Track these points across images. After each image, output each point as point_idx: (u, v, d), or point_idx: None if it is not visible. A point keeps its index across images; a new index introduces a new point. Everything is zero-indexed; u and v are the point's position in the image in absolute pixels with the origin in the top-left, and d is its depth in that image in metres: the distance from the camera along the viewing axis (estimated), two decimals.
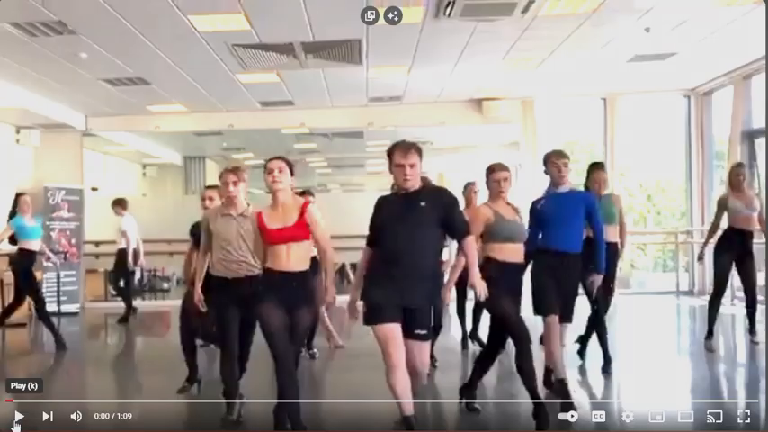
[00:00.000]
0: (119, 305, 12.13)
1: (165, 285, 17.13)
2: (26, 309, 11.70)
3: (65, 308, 12.32)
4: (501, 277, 5.01)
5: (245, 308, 5.29)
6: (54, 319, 11.76)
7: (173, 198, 17.66)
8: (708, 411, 5.26)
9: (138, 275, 14.06)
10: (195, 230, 5.99)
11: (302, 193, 7.43)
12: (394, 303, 4.46)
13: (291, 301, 4.81)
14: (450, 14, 7.99)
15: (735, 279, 11.41)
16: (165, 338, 10.77)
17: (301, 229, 4.82)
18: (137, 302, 12.63)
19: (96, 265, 14.33)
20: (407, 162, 4.53)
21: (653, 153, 17.41)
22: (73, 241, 13.25)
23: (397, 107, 13.53)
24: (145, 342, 8.69)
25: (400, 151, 4.56)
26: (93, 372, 8.19)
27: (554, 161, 5.62)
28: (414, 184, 4.57)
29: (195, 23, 8.19)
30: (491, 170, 5.32)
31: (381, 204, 4.73)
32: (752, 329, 7.65)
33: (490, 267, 5.04)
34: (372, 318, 4.50)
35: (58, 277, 12.42)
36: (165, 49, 9.22)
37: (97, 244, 13.89)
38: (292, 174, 4.89)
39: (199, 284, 5.58)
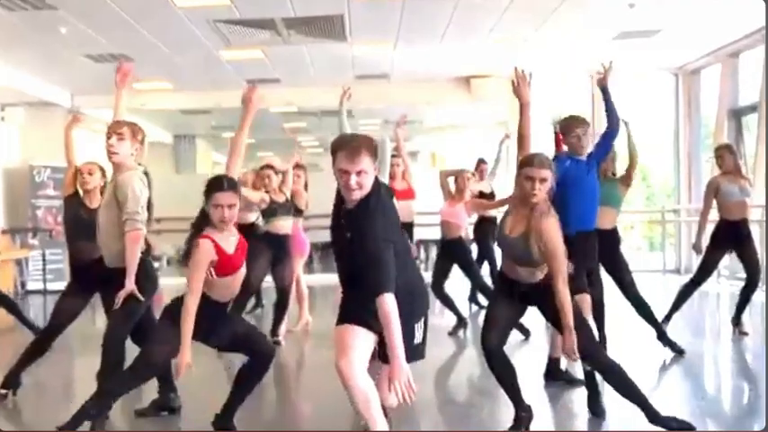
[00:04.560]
0: None
1: (156, 265, 17.07)
2: (11, 288, 11.73)
3: (51, 286, 12.32)
4: (503, 289, 4.32)
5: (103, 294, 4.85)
6: (40, 298, 11.87)
7: (162, 176, 17.59)
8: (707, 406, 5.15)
9: None
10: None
11: (267, 167, 7.38)
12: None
13: (227, 330, 4.26)
14: None
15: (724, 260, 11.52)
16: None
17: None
18: None
19: None
20: (354, 169, 3.33)
21: (642, 131, 17.36)
22: (59, 219, 13.20)
23: (385, 86, 13.44)
24: None
25: (347, 152, 3.34)
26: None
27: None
28: (360, 196, 3.39)
29: None
30: (525, 162, 4.12)
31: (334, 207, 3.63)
32: (738, 318, 7.19)
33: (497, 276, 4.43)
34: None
35: (44, 255, 12.44)
36: (145, 24, 9.13)
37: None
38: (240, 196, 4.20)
39: None
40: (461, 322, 7.66)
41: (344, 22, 9.33)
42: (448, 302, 7.65)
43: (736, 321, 7.23)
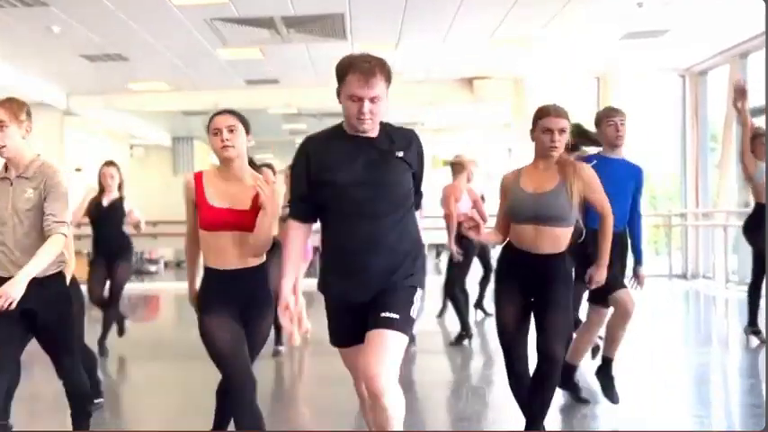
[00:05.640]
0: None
1: (153, 269, 16.95)
2: None
3: None
4: (509, 268, 3.85)
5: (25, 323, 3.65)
6: None
7: (160, 179, 17.40)
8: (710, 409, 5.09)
9: None
10: None
11: (264, 166, 6.94)
12: (359, 314, 2.99)
13: (248, 309, 3.47)
14: None
15: (730, 262, 11.31)
16: (153, 322, 10.59)
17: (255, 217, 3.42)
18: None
19: (79, 246, 14.06)
20: (368, 95, 2.90)
21: (648, 134, 17.12)
22: None
23: None
24: (133, 327, 8.43)
25: (359, 74, 2.88)
26: None
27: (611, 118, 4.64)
28: (375, 127, 2.97)
29: None
30: (540, 114, 3.72)
31: (318, 150, 3.01)
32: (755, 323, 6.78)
33: (501, 253, 3.94)
34: (332, 337, 3.16)
35: None
36: (140, 22, 8.94)
37: (79, 225, 13.62)
38: (248, 133, 3.51)
39: None
40: (467, 332, 7.41)
41: (345, 21, 9.14)
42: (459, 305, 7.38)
43: (754, 328, 6.85)
